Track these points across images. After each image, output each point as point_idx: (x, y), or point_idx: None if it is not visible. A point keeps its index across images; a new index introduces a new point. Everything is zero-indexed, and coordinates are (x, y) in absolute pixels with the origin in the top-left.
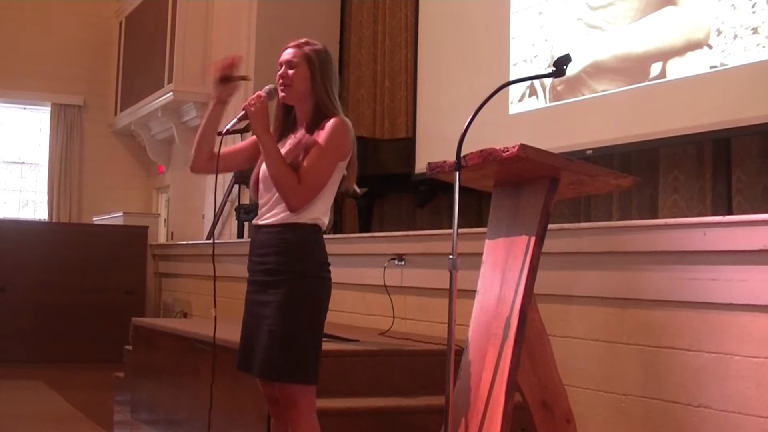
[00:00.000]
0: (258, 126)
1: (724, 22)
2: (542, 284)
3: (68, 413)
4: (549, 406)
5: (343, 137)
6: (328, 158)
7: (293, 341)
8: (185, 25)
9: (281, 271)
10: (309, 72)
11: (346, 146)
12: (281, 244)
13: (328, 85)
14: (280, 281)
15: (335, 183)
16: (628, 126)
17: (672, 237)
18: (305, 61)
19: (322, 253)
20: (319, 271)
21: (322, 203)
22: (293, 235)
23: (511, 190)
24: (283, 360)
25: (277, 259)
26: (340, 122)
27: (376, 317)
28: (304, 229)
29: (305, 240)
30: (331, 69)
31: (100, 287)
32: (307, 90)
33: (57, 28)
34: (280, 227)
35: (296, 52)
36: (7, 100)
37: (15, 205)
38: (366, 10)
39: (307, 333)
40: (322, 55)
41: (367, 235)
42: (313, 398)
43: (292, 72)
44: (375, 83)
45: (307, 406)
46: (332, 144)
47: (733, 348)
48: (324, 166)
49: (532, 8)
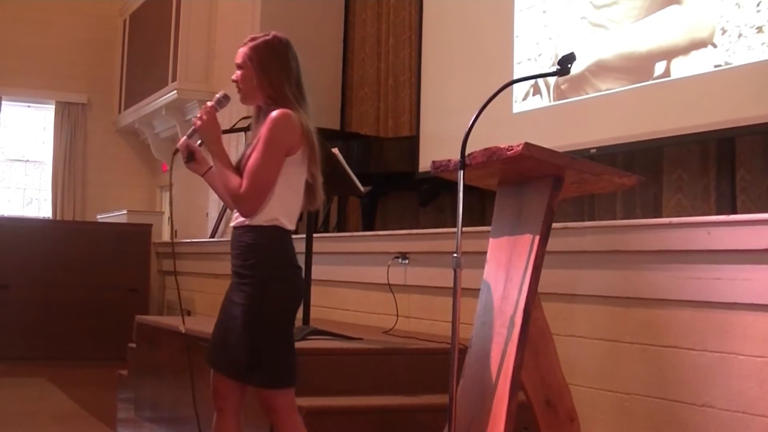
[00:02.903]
0: (206, 138)
1: (729, 20)
2: (546, 283)
3: (72, 410)
4: (552, 405)
5: (283, 129)
6: (267, 155)
7: (259, 347)
8: (189, 23)
9: (243, 275)
10: (253, 71)
11: (288, 139)
12: (241, 247)
13: (273, 78)
14: (244, 284)
15: (292, 179)
16: (632, 125)
17: (676, 236)
18: (248, 61)
19: (285, 256)
20: (281, 274)
21: (278, 202)
22: (251, 238)
23: (515, 188)
24: (253, 366)
25: (239, 262)
26: (279, 115)
27: (379, 316)
28: (263, 231)
29: (263, 243)
30: (275, 59)
31: (104, 285)
32: (254, 88)
33: (61, 27)
34: (241, 229)
35: (241, 52)
36: (12, 98)
37: (19, 202)
38: (370, 8)
39: (271, 337)
40: (261, 51)
41: (371, 234)
42: (291, 399)
43: (239, 74)
44: (379, 81)
45: (287, 408)
46: (270, 140)
47: (736, 347)
48: (264, 165)
49: (536, 7)
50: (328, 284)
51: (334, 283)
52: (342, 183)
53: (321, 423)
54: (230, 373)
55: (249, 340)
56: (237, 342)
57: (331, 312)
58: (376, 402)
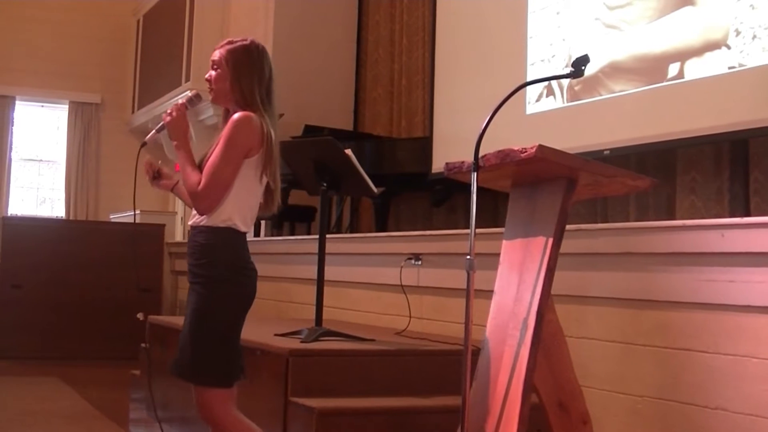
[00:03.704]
0: (173, 133)
1: (743, 22)
2: (559, 285)
3: (84, 410)
4: (565, 407)
5: (242, 131)
6: (226, 155)
7: (200, 345)
8: (203, 23)
9: (196, 275)
10: (227, 72)
11: (248, 141)
12: (194, 247)
13: (245, 82)
14: (196, 284)
15: (248, 180)
16: (646, 126)
17: (689, 238)
18: (224, 62)
19: (237, 257)
20: (231, 275)
21: (234, 204)
22: (204, 238)
23: (529, 190)
24: (191, 362)
25: (192, 261)
26: (240, 117)
27: (392, 317)
28: (216, 232)
29: (216, 244)
30: (249, 65)
31: (117, 285)
32: (227, 89)
33: (75, 27)
34: (195, 230)
35: (218, 53)
36: (25, 98)
37: (32, 202)
38: (383, 8)
39: (214, 337)
40: (239, 53)
41: (384, 235)
42: (225, 398)
43: (214, 74)
44: (392, 82)
45: (218, 405)
46: (230, 140)
47: (750, 350)
48: (223, 164)
49: (550, 8)
50: (341, 285)
51: (347, 284)
52: (355, 184)
53: (333, 424)
54: (177, 372)
55: (193, 337)
56: (183, 341)
57: (343, 313)
58: (388, 403)
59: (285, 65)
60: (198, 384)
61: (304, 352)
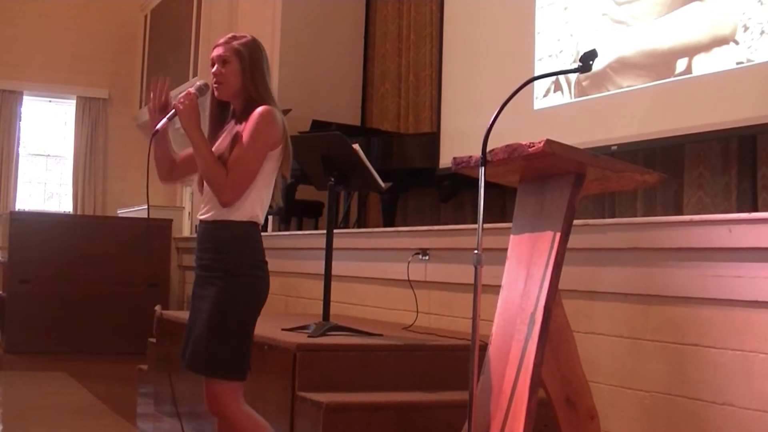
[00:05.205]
0: (187, 123)
1: (751, 17)
2: (566, 280)
3: (92, 405)
4: (573, 403)
5: (269, 125)
6: (254, 148)
7: (219, 337)
8: (210, 19)
9: (215, 268)
10: (240, 67)
11: (273, 134)
12: (215, 242)
13: (259, 76)
14: (215, 277)
15: (269, 174)
16: (654, 122)
17: (697, 234)
18: (236, 57)
19: (256, 251)
20: (252, 270)
21: (256, 197)
22: (226, 233)
23: (537, 185)
24: (207, 355)
25: (211, 255)
26: (265, 111)
27: (399, 312)
28: (238, 226)
29: (238, 238)
30: (262, 60)
31: (124, 280)
32: (240, 84)
33: (82, 22)
34: (214, 224)
35: (226, 48)
36: (33, 93)
37: (40, 197)
38: (391, 4)
39: (234, 330)
40: (251, 48)
41: (391, 230)
42: (237, 391)
43: (225, 69)
44: (400, 78)
45: (229, 397)
46: (257, 133)
47: (757, 346)
48: (250, 157)
49: (557, 3)
50: (349, 280)
51: (355, 279)
52: (363, 179)
53: (341, 419)
54: (191, 365)
55: (212, 331)
56: (200, 334)
57: (351, 308)
58: (396, 398)
59: (293, 60)
60: (212, 376)
61: (311, 347)
